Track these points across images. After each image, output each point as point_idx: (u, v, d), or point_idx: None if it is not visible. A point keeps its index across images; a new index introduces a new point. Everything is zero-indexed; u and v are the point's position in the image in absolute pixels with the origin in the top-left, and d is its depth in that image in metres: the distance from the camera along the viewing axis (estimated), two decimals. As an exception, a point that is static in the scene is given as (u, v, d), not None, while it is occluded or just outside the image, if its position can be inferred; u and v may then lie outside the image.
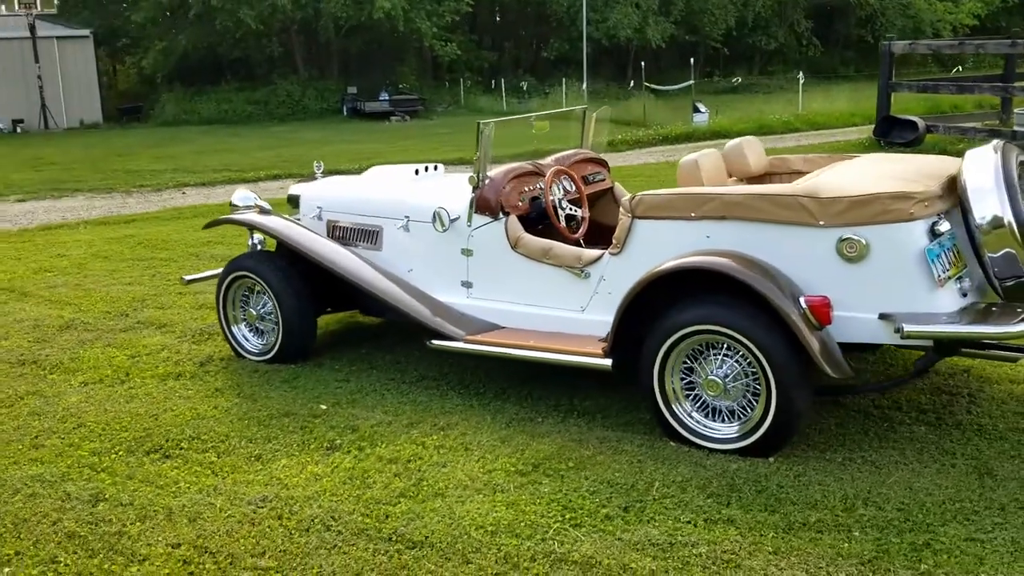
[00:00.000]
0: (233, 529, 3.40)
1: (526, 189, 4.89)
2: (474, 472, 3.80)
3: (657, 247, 4.12)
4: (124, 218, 11.38)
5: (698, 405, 3.99)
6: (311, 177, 6.13)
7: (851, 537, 3.20)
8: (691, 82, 20.28)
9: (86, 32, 28.64)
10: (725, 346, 3.84)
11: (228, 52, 29.13)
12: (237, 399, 4.75)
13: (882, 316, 3.68)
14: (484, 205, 4.74)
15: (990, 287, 3.80)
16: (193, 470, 3.94)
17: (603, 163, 5.56)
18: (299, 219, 5.70)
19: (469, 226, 4.81)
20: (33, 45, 26.95)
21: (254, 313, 5.35)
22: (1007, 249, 3.68)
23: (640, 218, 4.19)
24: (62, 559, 3.24)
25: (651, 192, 4.25)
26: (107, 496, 3.70)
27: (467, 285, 4.87)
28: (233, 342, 5.44)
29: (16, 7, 26.06)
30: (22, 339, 5.98)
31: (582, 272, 4.43)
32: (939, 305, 3.62)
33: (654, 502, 3.49)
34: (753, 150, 4.84)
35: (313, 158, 5.65)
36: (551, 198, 4.88)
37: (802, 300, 3.65)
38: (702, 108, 19.49)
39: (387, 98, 27.46)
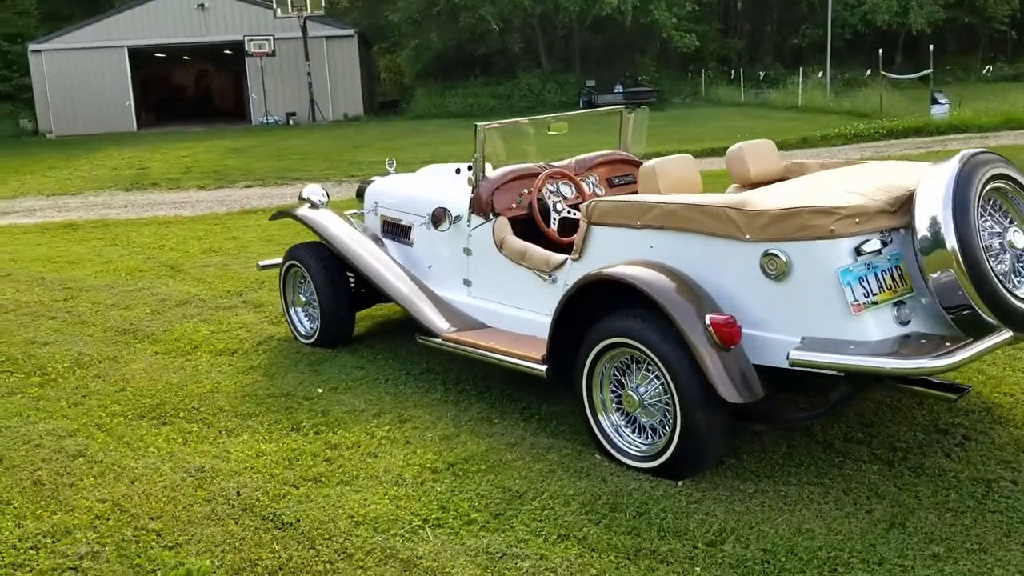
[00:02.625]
0: (154, 492, 3.80)
1: (526, 191, 4.91)
2: (394, 465, 3.95)
3: (609, 254, 4.02)
4: (313, 205, 12.43)
5: (629, 419, 3.87)
6: (385, 174, 6.49)
7: (689, 572, 3.01)
8: (929, 71, 18.51)
9: (351, 32, 31.24)
10: (647, 361, 3.70)
11: (474, 48, 30.52)
12: (258, 377, 5.19)
13: (804, 340, 3.38)
14: (477, 205, 4.83)
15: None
16: (170, 437, 4.40)
17: (638, 165, 5.42)
18: (363, 213, 6.09)
19: (468, 226, 4.92)
20: (304, 44, 29.83)
21: (303, 299, 5.79)
22: (949, 275, 3.24)
23: (595, 224, 4.11)
24: (15, 502, 3.78)
25: (605, 198, 4.15)
26: (88, 453, 4.24)
27: (468, 283, 4.98)
28: (290, 324, 5.92)
29: (289, 9, 28.92)
30: (142, 310, 6.85)
31: (549, 277, 4.41)
32: (855, 332, 3.27)
33: (528, 512, 3.46)
34: (757, 155, 4.52)
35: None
36: (545, 200, 4.86)
37: (707, 319, 3.44)
38: (942, 99, 17.79)
39: (621, 90, 27.52)
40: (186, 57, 38.31)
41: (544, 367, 4.11)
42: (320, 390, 4.91)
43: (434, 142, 21.25)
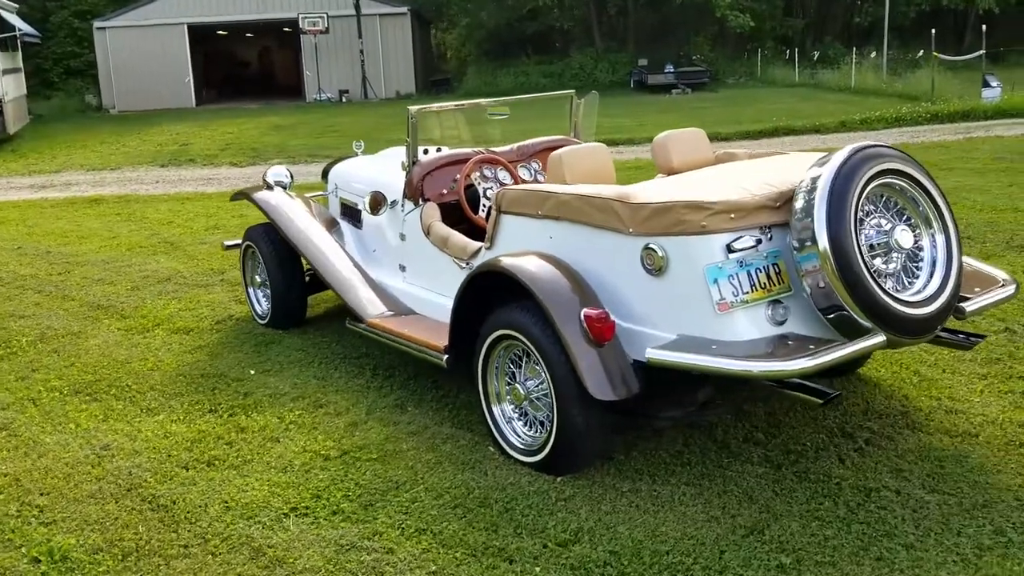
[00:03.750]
0: (54, 468, 3.88)
1: (458, 177, 4.85)
2: (290, 451, 3.97)
3: (516, 244, 3.97)
4: (331, 184, 12.54)
5: (521, 412, 3.82)
6: (353, 155, 6.50)
7: (528, 572, 2.96)
8: (982, 52, 17.73)
9: (404, 10, 31.29)
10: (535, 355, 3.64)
11: (526, 27, 30.32)
12: (201, 356, 5.27)
13: (679, 337, 3.29)
14: (409, 191, 4.80)
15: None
16: (94, 414, 4.49)
17: (585, 151, 5.30)
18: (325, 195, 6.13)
19: (402, 211, 4.90)
20: (357, 22, 30.01)
21: (258, 280, 5.85)
22: (820, 275, 3.11)
23: (504, 213, 4.05)
24: (-77, 473, 3.92)
25: (512, 187, 4.08)
26: (12, 427, 4.35)
27: (403, 268, 4.97)
28: (249, 304, 5.98)
29: (343, -13, 29.15)
30: (123, 286, 7.01)
31: (466, 264, 4.36)
32: (721, 331, 3.16)
33: (397, 504, 3.44)
34: (682, 144, 4.38)
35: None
36: (476, 186, 4.81)
37: (581, 313, 3.36)
38: (993, 82, 17.05)
39: (672, 70, 27.06)
40: (249, 34, 38.87)
41: (445, 356, 4.07)
42: (252, 372, 4.96)
43: (473, 121, 21.18)
